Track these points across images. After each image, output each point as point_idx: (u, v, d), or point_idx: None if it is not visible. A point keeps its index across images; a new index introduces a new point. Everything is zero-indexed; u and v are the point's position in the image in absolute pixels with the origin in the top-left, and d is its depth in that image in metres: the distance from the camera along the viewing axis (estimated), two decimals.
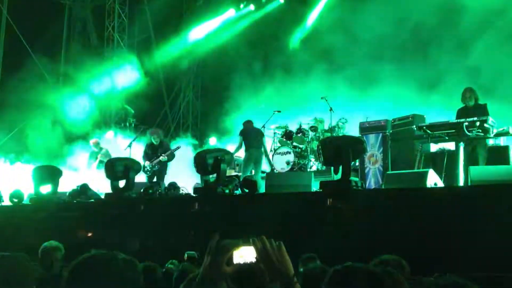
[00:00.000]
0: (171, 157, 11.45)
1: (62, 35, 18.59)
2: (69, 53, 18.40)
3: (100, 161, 12.74)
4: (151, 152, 11.53)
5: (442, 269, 5.20)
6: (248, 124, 11.62)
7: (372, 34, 13.16)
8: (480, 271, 4.86)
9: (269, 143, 12.57)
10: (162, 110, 18.33)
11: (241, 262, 2.13)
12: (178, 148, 11.69)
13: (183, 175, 11.55)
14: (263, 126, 12.58)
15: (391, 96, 12.14)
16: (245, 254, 2.13)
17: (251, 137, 11.40)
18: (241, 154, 11.85)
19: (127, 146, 12.54)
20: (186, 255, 5.50)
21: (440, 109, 10.34)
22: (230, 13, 17.68)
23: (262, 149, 11.47)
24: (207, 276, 2.15)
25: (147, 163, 11.36)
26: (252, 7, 17.35)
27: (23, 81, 15.33)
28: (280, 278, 2.06)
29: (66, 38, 18.69)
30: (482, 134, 7.81)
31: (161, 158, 11.27)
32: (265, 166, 11.94)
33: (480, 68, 11.22)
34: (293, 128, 12.37)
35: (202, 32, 17.98)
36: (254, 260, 2.11)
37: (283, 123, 12.72)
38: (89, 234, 8.65)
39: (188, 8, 19.25)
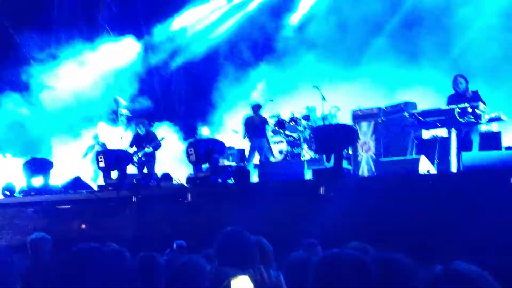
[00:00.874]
0: (157, 147, 11.37)
1: (51, 27, 18.40)
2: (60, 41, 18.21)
3: None
4: (137, 143, 11.46)
5: (436, 255, 5.24)
6: (252, 113, 11.56)
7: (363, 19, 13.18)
8: (473, 256, 4.88)
9: None
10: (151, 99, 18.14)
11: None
12: (162, 139, 11.61)
13: (175, 165, 11.52)
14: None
15: (383, 80, 12.16)
16: (242, 285, 2.13)
17: (254, 126, 11.39)
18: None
19: (120, 137, 12.52)
20: (175, 244, 5.48)
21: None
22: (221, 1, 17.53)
23: (265, 138, 11.44)
24: None
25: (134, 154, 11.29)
26: None
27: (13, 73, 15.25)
28: None
29: (55, 30, 18.50)
30: (474, 120, 7.82)
31: (145, 149, 11.19)
32: None
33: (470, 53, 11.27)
34: (285, 117, 12.34)
35: (191, 19, 17.80)
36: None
37: (275, 112, 12.69)
38: (82, 226, 8.63)
39: None
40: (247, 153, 11.79)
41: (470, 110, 7.71)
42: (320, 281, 1.99)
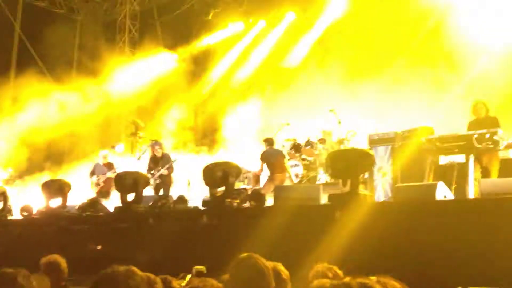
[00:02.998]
0: (171, 170, 11.50)
1: (73, 50, 18.78)
2: (80, 68, 18.57)
3: None
4: (153, 165, 11.60)
5: (452, 284, 5.16)
6: (268, 146, 11.56)
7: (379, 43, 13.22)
8: (492, 286, 4.80)
9: None
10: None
11: None
12: (174, 161, 11.72)
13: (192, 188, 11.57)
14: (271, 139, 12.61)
15: (399, 106, 12.13)
16: None
17: (274, 161, 11.34)
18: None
19: (137, 158, 12.68)
20: (194, 270, 5.46)
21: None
22: (239, 27, 17.74)
23: (287, 174, 11.42)
24: None
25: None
26: (262, 22, 17.29)
27: (36, 97, 15.50)
28: None
29: (77, 53, 18.88)
30: (492, 146, 7.75)
31: (162, 171, 11.33)
32: None
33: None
34: (301, 140, 12.35)
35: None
36: None
37: (291, 135, 12.72)
38: (98, 247, 8.66)
39: (198, 22, 19.34)
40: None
41: (488, 136, 7.65)
42: None
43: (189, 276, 4.35)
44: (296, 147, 12.19)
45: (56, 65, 16.65)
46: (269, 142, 11.60)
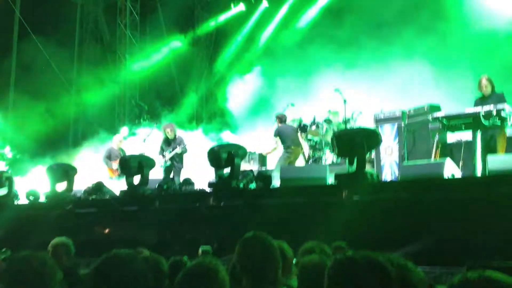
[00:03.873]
0: (185, 151, 11.53)
1: (74, 34, 18.68)
2: (82, 51, 18.52)
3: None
4: (165, 147, 11.61)
5: (460, 259, 5.14)
6: (281, 122, 11.60)
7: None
8: (501, 260, 4.77)
9: None
10: (173, 105, 18.23)
11: None
12: (186, 145, 11.71)
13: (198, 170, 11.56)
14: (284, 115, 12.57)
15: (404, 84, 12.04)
16: None
17: (290, 135, 11.40)
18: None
19: (142, 140, 12.69)
20: (200, 250, 5.46)
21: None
22: (240, 7, 17.58)
23: (300, 147, 11.52)
24: None
25: (161, 160, 11.39)
26: (265, 3, 17.11)
27: (37, 81, 15.46)
28: None
29: (78, 36, 18.78)
30: (499, 123, 7.67)
31: (177, 150, 11.34)
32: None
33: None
34: (307, 121, 12.28)
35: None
36: None
37: (297, 116, 12.64)
38: (106, 231, 8.68)
39: (199, 3, 19.20)
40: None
41: (495, 113, 7.57)
42: (335, 285, 1.95)
43: None
44: (302, 127, 12.13)
45: (57, 49, 16.54)
46: (281, 118, 11.63)
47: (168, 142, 11.64)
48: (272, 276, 2.76)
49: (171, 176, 11.40)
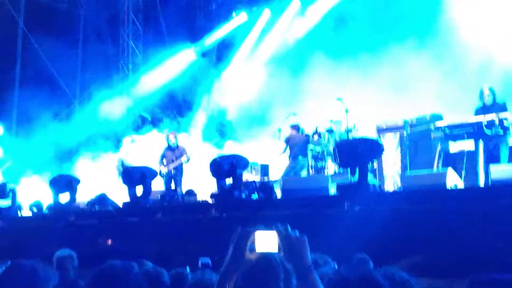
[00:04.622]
0: (187, 161, 11.54)
1: (78, 45, 18.76)
2: (86, 62, 18.58)
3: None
4: (168, 155, 11.62)
5: (463, 270, 5.11)
6: (295, 131, 11.71)
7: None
8: (504, 272, 4.75)
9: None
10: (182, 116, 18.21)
11: (264, 250, 2.16)
12: (191, 153, 11.72)
13: (200, 180, 11.57)
14: (279, 129, 12.60)
15: (408, 93, 12.03)
16: (267, 241, 2.13)
17: (299, 144, 11.46)
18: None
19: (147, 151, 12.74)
20: (200, 263, 5.43)
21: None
22: (243, 17, 17.63)
23: (307, 159, 11.61)
24: (231, 265, 2.15)
25: (163, 169, 11.38)
26: (267, 11, 17.16)
27: (40, 92, 15.53)
28: (298, 267, 2.09)
29: (82, 47, 18.87)
30: (501, 132, 7.67)
31: (182, 159, 11.35)
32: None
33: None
34: (309, 131, 12.29)
35: (214, 38, 18.01)
36: (276, 249, 2.14)
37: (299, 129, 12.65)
38: (109, 242, 8.68)
39: (201, 12, 19.23)
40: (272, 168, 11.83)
41: (497, 122, 7.58)
42: None
43: None
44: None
45: (60, 59, 16.62)
46: (295, 127, 11.75)
47: (171, 150, 11.66)
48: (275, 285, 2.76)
49: (173, 185, 11.38)
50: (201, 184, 10.73)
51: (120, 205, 9.41)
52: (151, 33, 18.95)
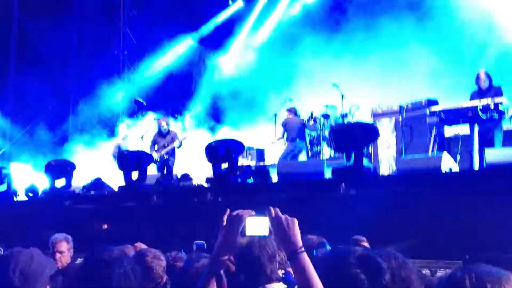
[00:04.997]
0: (179, 146, 11.54)
1: (72, 29, 18.57)
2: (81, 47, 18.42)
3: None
4: (159, 141, 11.60)
5: (457, 253, 5.16)
6: (291, 114, 11.71)
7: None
8: (495, 254, 4.79)
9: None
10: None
11: (254, 234, 2.16)
12: (184, 138, 11.71)
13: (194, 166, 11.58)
14: (275, 115, 12.61)
15: (403, 78, 12.02)
16: (258, 224, 2.13)
17: (295, 128, 11.46)
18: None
19: (140, 137, 12.67)
20: (194, 245, 5.46)
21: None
22: (239, 3, 17.51)
23: (304, 142, 11.66)
24: (222, 248, 2.16)
25: (154, 155, 11.37)
26: None
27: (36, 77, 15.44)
28: (289, 249, 2.10)
29: (77, 32, 18.68)
30: (497, 116, 7.69)
31: (175, 144, 11.34)
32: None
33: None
34: (304, 116, 12.30)
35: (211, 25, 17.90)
36: (266, 232, 2.14)
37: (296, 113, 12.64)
38: (104, 226, 8.69)
39: None
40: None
41: (492, 106, 7.59)
42: (324, 280, 1.97)
43: None
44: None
45: (55, 43, 16.47)
46: (292, 111, 11.73)
47: (162, 136, 11.64)
48: (269, 270, 2.77)
49: (167, 171, 11.37)
50: (195, 169, 10.72)
51: (116, 190, 9.41)
52: (147, 19, 18.79)
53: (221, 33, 17.68)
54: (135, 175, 9.07)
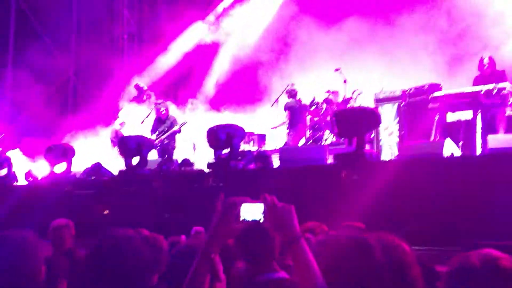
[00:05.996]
0: (179, 131, 11.52)
1: (71, 18, 18.43)
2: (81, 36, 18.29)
3: None
4: (158, 126, 11.58)
5: (458, 239, 5.13)
6: (291, 97, 11.68)
7: None
8: (500, 240, 4.76)
9: None
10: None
11: (249, 219, 2.10)
12: (184, 123, 11.67)
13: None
14: (277, 100, 12.52)
15: (406, 63, 11.91)
16: (252, 210, 2.08)
17: (298, 113, 11.47)
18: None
19: (141, 122, 12.64)
20: (193, 231, 5.44)
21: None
22: None
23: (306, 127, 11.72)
24: (215, 235, 2.12)
25: (154, 138, 11.35)
26: None
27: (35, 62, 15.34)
28: (285, 236, 2.06)
29: (76, 16, 18.54)
30: (499, 101, 7.62)
31: (175, 129, 11.32)
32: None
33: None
34: (306, 101, 12.24)
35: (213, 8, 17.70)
36: (261, 218, 2.08)
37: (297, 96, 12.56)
38: (105, 212, 8.68)
39: None
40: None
41: (495, 91, 7.52)
42: (318, 264, 1.93)
43: None
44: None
45: (56, 30, 16.36)
46: (291, 93, 11.67)
47: (162, 121, 11.61)
48: (270, 256, 2.74)
49: (167, 156, 11.35)
50: (196, 154, 10.70)
51: (116, 174, 9.38)
52: (147, 2, 18.64)
53: (224, 16, 17.52)
54: (135, 160, 9.04)
